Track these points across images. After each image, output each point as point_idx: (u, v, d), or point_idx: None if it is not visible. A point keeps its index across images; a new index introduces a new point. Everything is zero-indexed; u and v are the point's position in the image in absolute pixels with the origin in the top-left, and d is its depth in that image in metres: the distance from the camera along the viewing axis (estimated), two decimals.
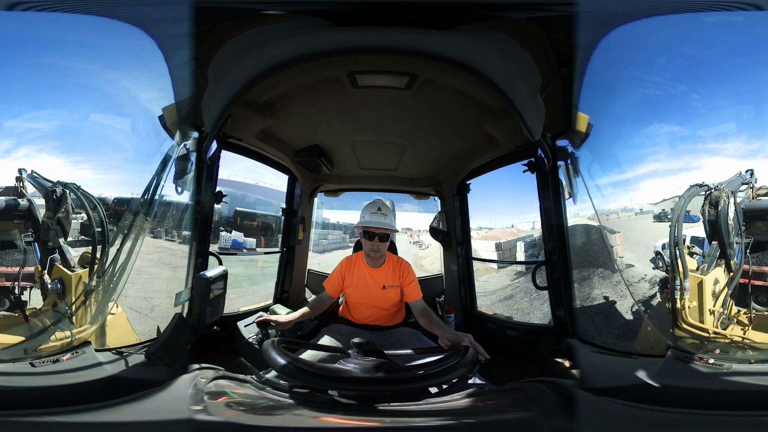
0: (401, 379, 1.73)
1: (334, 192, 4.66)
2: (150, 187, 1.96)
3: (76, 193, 1.95)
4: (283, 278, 3.95)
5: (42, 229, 1.93)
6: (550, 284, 2.69)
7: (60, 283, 1.88)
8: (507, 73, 1.87)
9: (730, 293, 1.95)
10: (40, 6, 1.81)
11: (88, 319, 1.90)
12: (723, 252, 2.00)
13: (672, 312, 1.93)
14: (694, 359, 1.73)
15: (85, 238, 1.95)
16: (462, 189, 3.75)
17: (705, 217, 2.00)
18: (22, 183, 1.92)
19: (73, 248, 1.97)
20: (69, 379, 1.57)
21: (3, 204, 1.91)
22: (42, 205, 1.94)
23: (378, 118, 2.80)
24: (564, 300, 2.43)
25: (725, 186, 1.99)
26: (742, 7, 1.82)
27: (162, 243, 2.26)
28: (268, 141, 3.04)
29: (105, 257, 1.94)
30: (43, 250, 1.93)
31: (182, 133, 2.07)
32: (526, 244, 2.33)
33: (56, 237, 1.93)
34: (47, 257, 1.92)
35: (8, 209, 1.91)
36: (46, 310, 1.88)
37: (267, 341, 1.84)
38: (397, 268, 2.69)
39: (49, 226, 1.92)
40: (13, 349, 1.75)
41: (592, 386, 1.62)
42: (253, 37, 1.83)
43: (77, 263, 1.96)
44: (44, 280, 1.88)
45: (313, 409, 1.54)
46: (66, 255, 1.94)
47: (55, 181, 1.93)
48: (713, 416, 1.50)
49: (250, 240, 5.80)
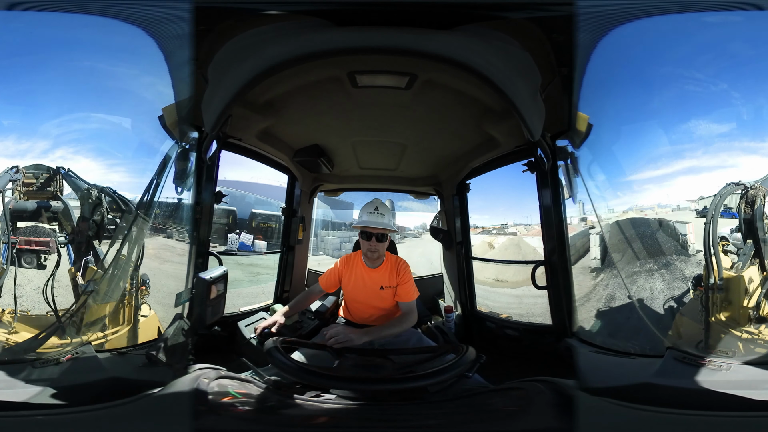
0: (401, 378, 1.73)
1: (334, 192, 4.66)
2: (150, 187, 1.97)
3: (112, 196, 1.95)
4: (283, 278, 3.96)
5: (77, 232, 1.92)
6: (549, 284, 2.69)
7: (94, 285, 1.88)
8: (507, 73, 1.87)
9: (764, 293, 1.95)
10: (40, 6, 1.81)
11: (120, 320, 1.93)
12: (758, 251, 1.99)
13: (705, 309, 1.93)
14: (693, 359, 1.73)
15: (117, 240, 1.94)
16: (462, 189, 3.75)
17: (740, 215, 2.00)
18: (58, 183, 1.91)
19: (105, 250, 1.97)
20: (70, 380, 1.58)
21: (34, 206, 1.90)
22: (77, 207, 1.95)
23: (378, 118, 2.80)
24: (563, 300, 2.44)
25: (761, 185, 1.98)
26: (742, 7, 1.82)
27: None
28: (268, 141, 3.04)
29: (139, 259, 1.96)
30: (77, 252, 1.94)
31: (182, 133, 2.07)
32: (599, 236, 2.28)
33: (91, 240, 1.92)
34: (81, 259, 1.92)
35: (38, 210, 1.91)
36: (79, 311, 1.88)
37: (268, 341, 1.84)
38: (394, 269, 2.65)
39: (84, 229, 1.92)
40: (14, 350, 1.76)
41: (591, 386, 1.62)
42: (253, 37, 1.83)
43: (110, 265, 1.95)
44: (77, 282, 1.88)
45: (314, 409, 1.54)
46: (100, 257, 1.95)
47: (91, 183, 1.93)
48: (713, 416, 1.50)
49: (261, 243, 5.41)
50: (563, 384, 1.63)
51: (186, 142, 2.10)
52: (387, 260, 2.68)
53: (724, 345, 1.86)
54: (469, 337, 3.53)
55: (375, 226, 2.54)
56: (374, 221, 2.56)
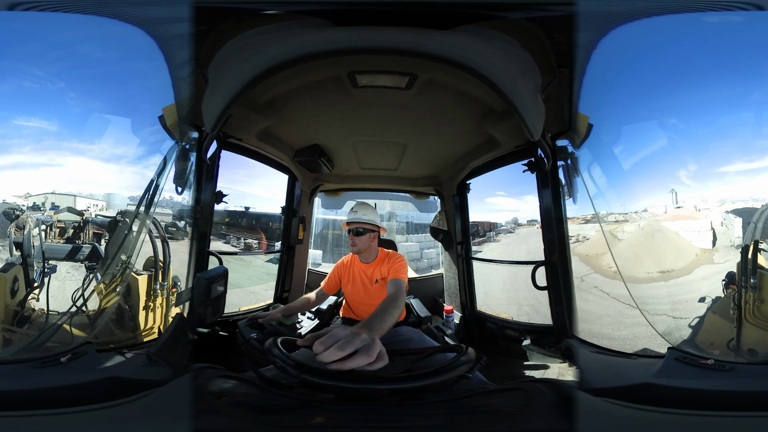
0: (401, 377, 1.73)
1: (334, 192, 4.66)
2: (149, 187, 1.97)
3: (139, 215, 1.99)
4: (283, 278, 3.96)
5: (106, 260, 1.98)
6: (549, 284, 2.69)
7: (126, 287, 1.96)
8: (507, 73, 1.87)
9: None
10: (41, 6, 1.82)
11: (153, 321, 2.00)
12: None
13: (738, 308, 1.93)
14: (694, 359, 1.73)
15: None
16: (462, 189, 3.75)
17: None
18: (86, 227, 2.00)
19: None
20: (69, 379, 1.57)
21: (69, 249, 1.98)
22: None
23: (378, 118, 2.80)
24: (564, 300, 2.44)
25: None
26: (742, 7, 1.82)
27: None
28: (268, 141, 3.04)
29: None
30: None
31: (182, 133, 2.07)
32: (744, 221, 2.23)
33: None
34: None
35: (73, 252, 1.98)
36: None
37: (268, 340, 1.84)
38: (386, 261, 2.82)
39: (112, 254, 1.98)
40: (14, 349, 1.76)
41: (591, 386, 1.62)
42: (253, 37, 1.83)
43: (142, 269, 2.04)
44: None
45: (314, 408, 1.54)
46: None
47: (116, 214, 1.99)
48: (713, 416, 1.50)
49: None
50: (564, 384, 1.63)
51: (186, 142, 2.10)
52: (381, 255, 2.87)
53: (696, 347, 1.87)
54: (469, 338, 3.54)
55: (350, 220, 2.88)
56: (350, 218, 2.89)
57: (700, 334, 1.98)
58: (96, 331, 1.87)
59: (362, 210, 2.94)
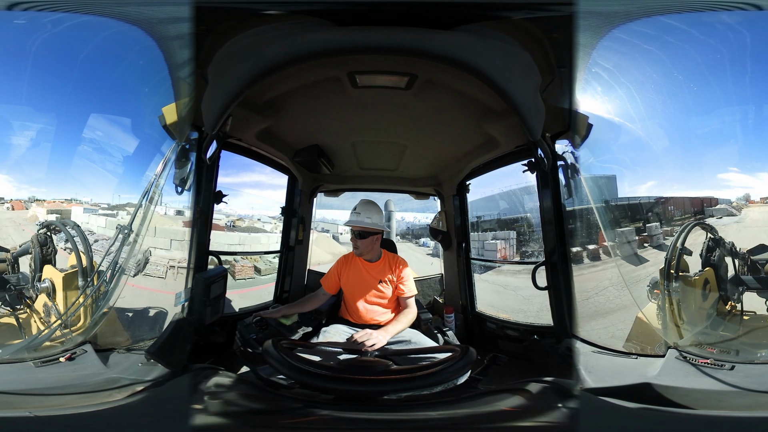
0: (401, 378, 1.73)
1: (334, 192, 4.66)
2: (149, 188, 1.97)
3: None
4: (283, 278, 3.95)
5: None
6: (550, 284, 2.69)
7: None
8: (507, 73, 1.87)
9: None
10: (40, 6, 1.81)
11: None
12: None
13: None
14: (694, 359, 1.73)
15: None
16: (462, 189, 3.75)
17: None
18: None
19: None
20: (69, 380, 1.57)
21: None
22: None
23: (378, 118, 2.80)
24: (564, 300, 2.43)
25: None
26: (742, 7, 1.82)
27: None
28: (268, 141, 3.04)
29: None
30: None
31: (182, 133, 2.07)
32: None
33: None
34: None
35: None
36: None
37: (267, 341, 1.84)
38: (392, 264, 2.77)
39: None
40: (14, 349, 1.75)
41: (592, 386, 1.62)
42: (253, 37, 1.83)
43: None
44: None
45: (313, 409, 1.54)
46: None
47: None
48: (714, 416, 1.50)
49: None
50: (564, 384, 1.63)
51: (186, 142, 2.10)
52: (384, 256, 2.82)
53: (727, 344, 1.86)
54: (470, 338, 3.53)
55: (352, 224, 2.79)
56: (351, 220, 2.80)
57: None
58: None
59: (365, 211, 2.80)
